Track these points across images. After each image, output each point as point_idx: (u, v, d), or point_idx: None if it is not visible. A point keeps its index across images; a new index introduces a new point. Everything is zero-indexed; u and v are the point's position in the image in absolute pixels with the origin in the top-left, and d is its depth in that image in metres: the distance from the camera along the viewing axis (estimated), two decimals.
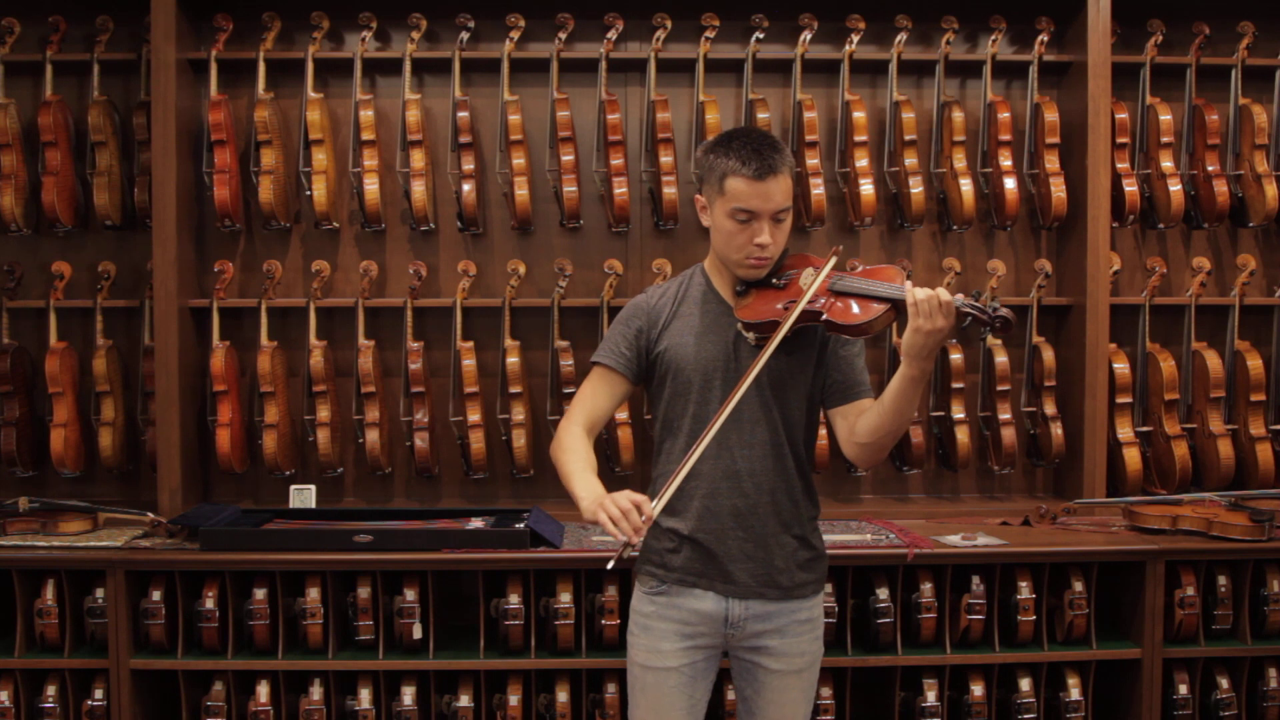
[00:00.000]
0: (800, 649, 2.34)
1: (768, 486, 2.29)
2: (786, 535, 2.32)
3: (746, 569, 2.29)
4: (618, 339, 2.38)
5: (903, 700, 3.18)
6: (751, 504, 2.29)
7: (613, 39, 3.55)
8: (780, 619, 2.32)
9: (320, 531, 3.14)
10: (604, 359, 2.37)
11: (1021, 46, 3.72)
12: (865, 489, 3.78)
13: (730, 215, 2.23)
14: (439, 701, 3.16)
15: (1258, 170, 3.62)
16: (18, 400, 3.51)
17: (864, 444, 2.26)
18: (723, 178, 2.23)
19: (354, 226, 3.68)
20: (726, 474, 2.28)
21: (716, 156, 2.25)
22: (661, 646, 2.32)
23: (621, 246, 3.67)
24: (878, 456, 2.30)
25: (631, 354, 2.36)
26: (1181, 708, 3.16)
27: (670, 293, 2.39)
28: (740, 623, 2.31)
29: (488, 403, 3.59)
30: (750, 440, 2.29)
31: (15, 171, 3.48)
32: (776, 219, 2.24)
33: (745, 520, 2.29)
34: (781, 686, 2.34)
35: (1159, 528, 3.24)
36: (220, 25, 3.53)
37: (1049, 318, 3.74)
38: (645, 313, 2.37)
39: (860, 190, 3.54)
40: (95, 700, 3.08)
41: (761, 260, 2.26)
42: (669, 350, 2.32)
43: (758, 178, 2.19)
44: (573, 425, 2.36)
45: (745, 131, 2.28)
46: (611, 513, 2.07)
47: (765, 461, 2.29)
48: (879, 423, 2.21)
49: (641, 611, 2.37)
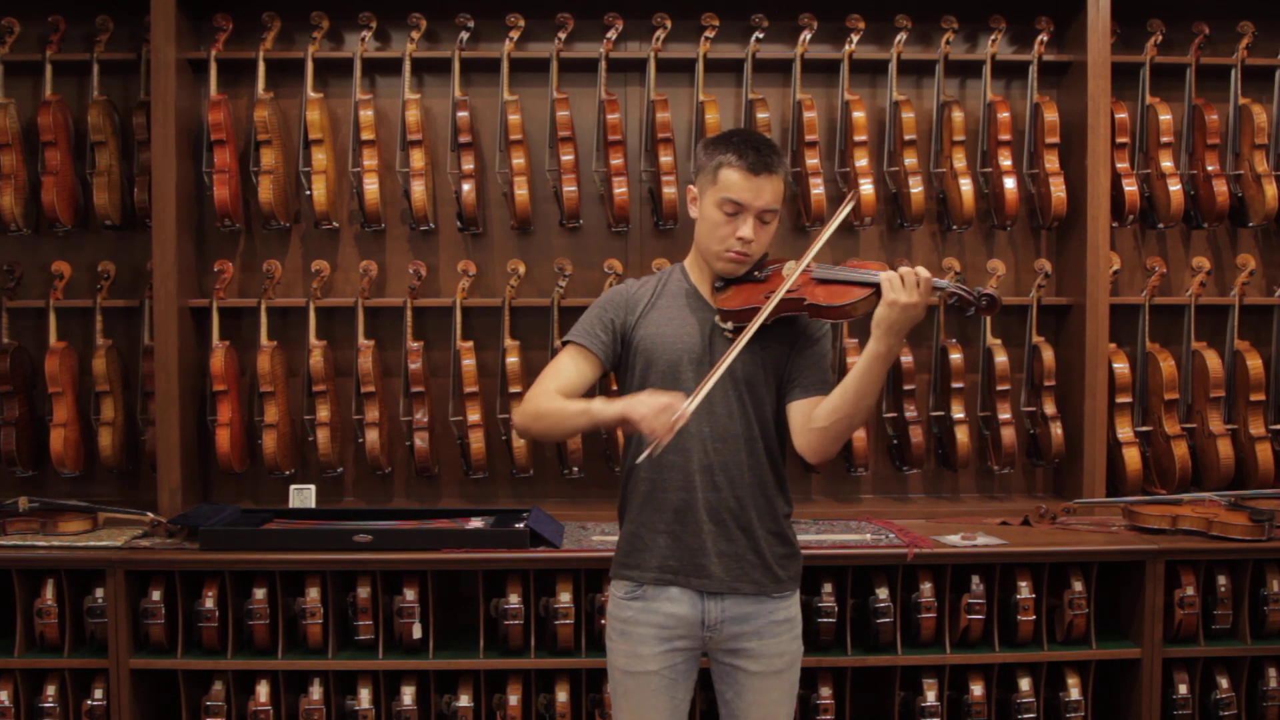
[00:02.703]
0: (779, 649, 2.35)
1: (741, 481, 2.30)
2: (761, 530, 2.32)
3: (722, 564, 2.29)
4: (594, 322, 2.38)
5: (902, 700, 3.18)
6: (725, 498, 2.29)
7: (612, 39, 3.55)
8: (758, 620, 2.32)
9: (320, 531, 3.14)
10: (578, 339, 2.37)
11: (1021, 46, 3.72)
12: (865, 489, 3.78)
13: (719, 205, 2.27)
14: (439, 701, 3.16)
15: (1257, 170, 3.62)
16: (18, 400, 3.51)
17: (821, 428, 2.24)
18: (718, 167, 2.27)
19: (354, 226, 3.68)
20: (700, 468, 2.29)
21: (715, 147, 2.30)
22: (640, 651, 2.32)
23: (621, 246, 3.67)
24: (832, 448, 2.28)
25: (607, 338, 2.36)
26: (1181, 707, 3.16)
27: (649, 286, 2.42)
28: (717, 625, 2.31)
29: (488, 403, 3.59)
30: (724, 434, 2.29)
31: (15, 171, 3.48)
32: (762, 219, 2.28)
33: (718, 514, 2.29)
34: (762, 688, 2.34)
35: (1159, 528, 3.24)
36: (220, 25, 3.53)
37: (1049, 317, 3.74)
38: (624, 299, 2.40)
39: (860, 190, 3.54)
40: (95, 700, 3.08)
41: (741, 256, 2.29)
42: (645, 338, 2.34)
43: (752, 171, 2.23)
44: (545, 390, 2.31)
45: (747, 130, 2.32)
46: (647, 407, 2.07)
47: (738, 455, 2.30)
48: (839, 403, 2.21)
49: (619, 617, 2.37)
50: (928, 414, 3.67)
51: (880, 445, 3.74)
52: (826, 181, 3.59)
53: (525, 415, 2.33)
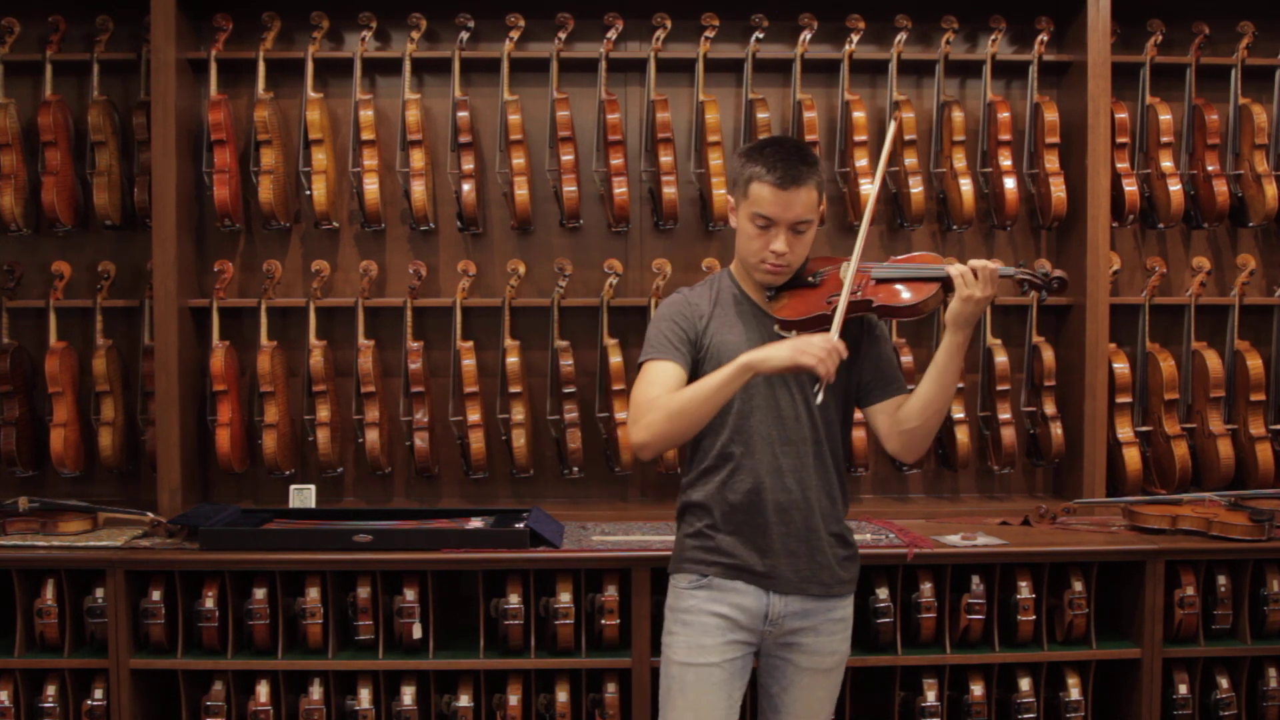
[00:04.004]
0: (832, 648, 2.37)
1: (810, 483, 2.32)
2: (826, 532, 2.34)
3: (790, 564, 2.31)
4: (667, 336, 2.31)
5: (902, 700, 3.18)
6: (794, 499, 2.30)
7: (613, 39, 3.55)
8: (816, 616, 2.34)
9: (320, 531, 3.14)
10: (660, 354, 2.30)
11: (1021, 46, 3.72)
12: (865, 489, 3.78)
13: (751, 219, 2.26)
14: (439, 701, 3.15)
15: (1257, 170, 3.62)
16: (18, 400, 3.51)
17: (912, 428, 2.28)
18: (749, 181, 2.25)
19: (354, 226, 3.68)
20: (770, 470, 2.29)
21: (748, 160, 2.28)
22: (704, 641, 2.31)
23: (621, 246, 3.67)
24: (925, 443, 2.32)
25: (685, 348, 2.31)
26: (1181, 707, 3.16)
27: (705, 294, 2.39)
28: (779, 619, 2.32)
29: (487, 402, 3.59)
30: (792, 438, 2.30)
31: (15, 171, 3.48)
32: (796, 230, 2.26)
33: (788, 516, 2.30)
34: (810, 684, 2.37)
35: (1159, 528, 3.24)
36: (220, 25, 3.53)
37: (1049, 317, 3.74)
38: (687, 308, 2.35)
39: (860, 190, 3.54)
40: (95, 700, 3.07)
41: (777, 268, 2.28)
42: (714, 345, 2.31)
43: (780, 186, 2.21)
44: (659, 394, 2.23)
45: (780, 140, 2.31)
46: (816, 353, 2.09)
47: (807, 459, 2.31)
48: (929, 399, 2.25)
49: (681, 607, 2.36)
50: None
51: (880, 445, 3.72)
52: (827, 181, 3.57)
53: (654, 422, 2.20)
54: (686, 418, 2.19)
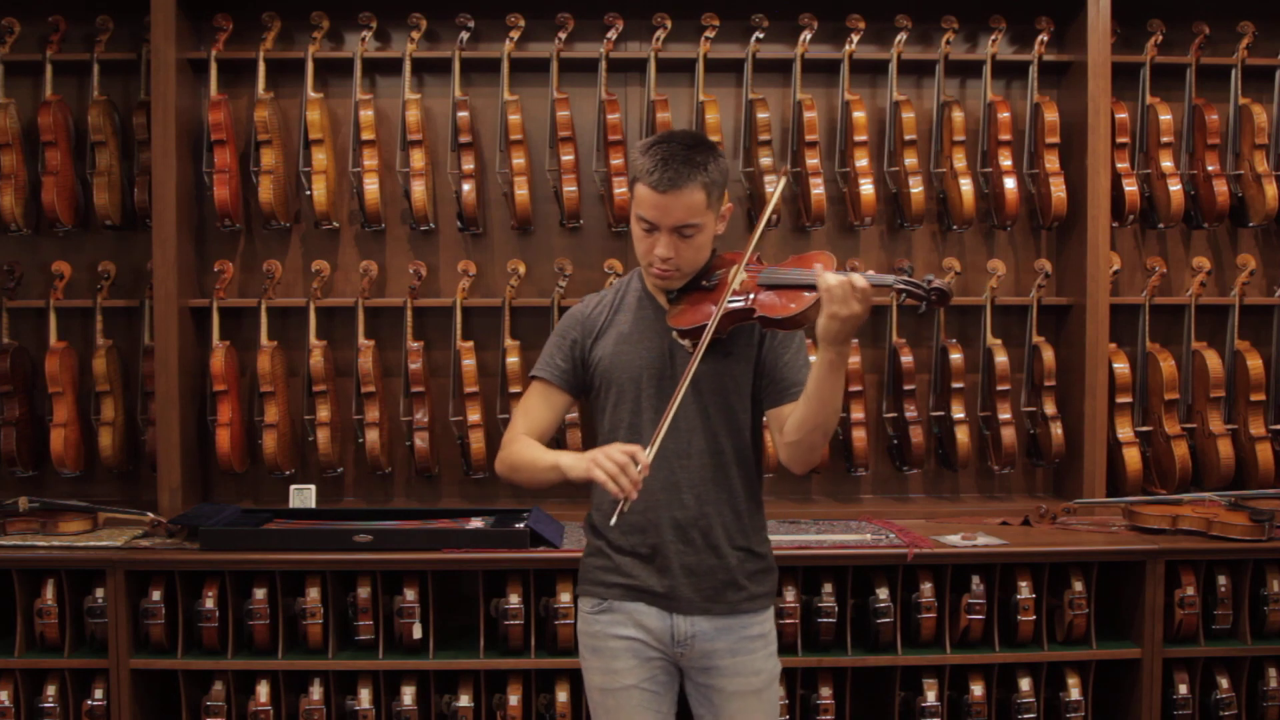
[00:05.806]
0: (755, 667, 2.23)
1: (708, 497, 2.20)
2: (731, 547, 2.21)
3: (690, 584, 2.19)
4: (554, 351, 2.29)
5: (903, 700, 3.18)
6: (692, 516, 2.19)
7: (612, 39, 3.55)
8: (729, 635, 2.21)
9: (320, 531, 3.14)
10: (540, 372, 2.29)
11: (1021, 46, 3.71)
12: (865, 489, 3.78)
13: (637, 221, 2.15)
14: (439, 701, 3.16)
15: (1258, 170, 3.62)
16: (18, 400, 3.50)
17: (792, 442, 2.11)
18: (634, 181, 2.13)
19: (354, 226, 3.68)
20: (665, 485, 2.18)
21: (638, 156, 2.14)
22: (615, 666, 2.21)
23: (621, 246, 3.67)
24: (809, 457, 2.14)
25: (567, 365, 2.26)
26: (1181, 708, 3.16)
27: (606, 301, 2.30)
28: (687, 640, 2.20)
29: (488, 402, 3.59)
30: (688, 450, 2.19)
31: (15, 171, 3.48)
32: (681, 234, 2.11)
33: (686, 533, 2.19)
34: (743, 709, 2.22)
35: (1159, 528, 3.24)
36: (220, 25, 3.53)
37: (1049, 318, 3.74)
38: (580, 323, 2.28)
39: (860, 190, 3.54)
40: (95, 700, 3.07)
41: (665, 272, 2.15)
42: (603, 360, 2.23)
43: (657, 189, 2.08)
44: (517, 435, 2.26)
45: (671, 137, 2.15)
46: (608, 468, 1.97)
47: (704, 471, 2.19)
48: (804, 416, 2.07)
49: (589, 632, 2.27)
50: (928, 414, 3.66)
51: (880, 445, 3.74)
52: (827, 182, 3.59)
53: (504, 465, 2.28)
54: (523, 477, 2.26)
